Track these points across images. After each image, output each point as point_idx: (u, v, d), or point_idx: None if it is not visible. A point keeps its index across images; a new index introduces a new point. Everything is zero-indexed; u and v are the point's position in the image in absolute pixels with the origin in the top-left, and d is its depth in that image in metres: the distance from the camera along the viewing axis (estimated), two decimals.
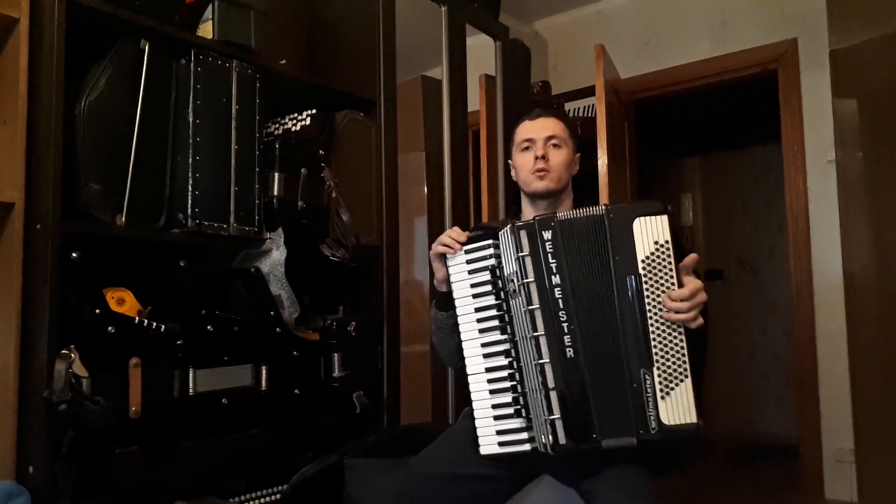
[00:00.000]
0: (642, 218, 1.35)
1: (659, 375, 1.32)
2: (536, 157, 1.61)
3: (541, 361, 1.36)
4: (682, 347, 1.32)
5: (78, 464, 1.38)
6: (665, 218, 1.35)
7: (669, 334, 1.33)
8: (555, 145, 1.63)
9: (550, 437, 1.35)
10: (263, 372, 1.78)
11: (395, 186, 2.25)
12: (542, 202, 1.65)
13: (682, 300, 1.31)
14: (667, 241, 1.34)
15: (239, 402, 1.72)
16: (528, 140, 1.64)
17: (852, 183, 2.60)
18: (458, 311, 1.46)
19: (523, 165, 1.65)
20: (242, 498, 1.70)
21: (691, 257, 1.37)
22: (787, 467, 3.53)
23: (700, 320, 1.34)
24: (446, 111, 2.63)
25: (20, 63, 1.46)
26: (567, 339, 1.36)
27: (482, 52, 3.05)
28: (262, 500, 1.74)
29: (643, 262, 1.34)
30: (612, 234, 1.36)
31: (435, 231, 1.55)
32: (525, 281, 1.37)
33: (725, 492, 3.28)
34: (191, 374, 1.64)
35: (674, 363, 1.32)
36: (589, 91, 3.28)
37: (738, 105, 4.23)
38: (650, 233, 1.35)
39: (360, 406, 2.01)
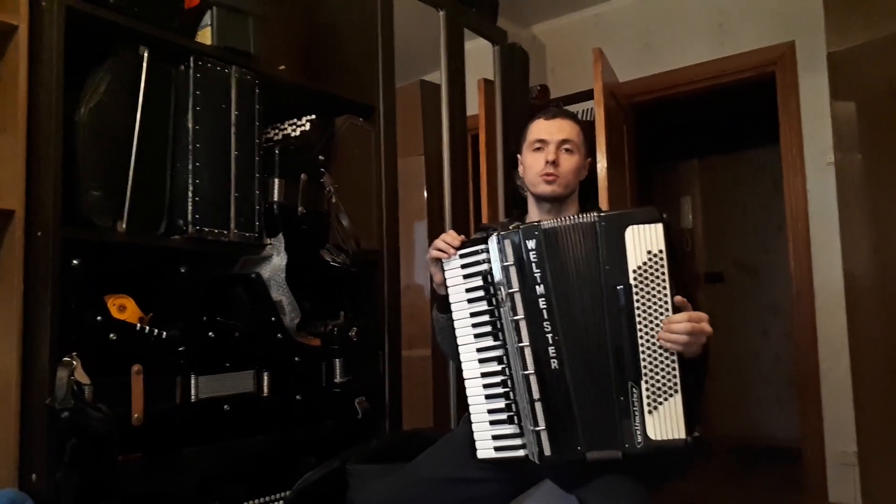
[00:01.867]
0: (635, 226, 1.31)
1: (647, 389, 1.29)
2: (547, 161, 1.58)
3: (526, 372, 1.35)
4: (673, 362, 1.29)
5: (80, 471, 1.38)
6: (660, 226, 1.31)
7: (660, 347, 1.30)
8: (567, 150, 1.60)
9: (536, 448, 1.34)
10: (265, 378, 1.78)
11: (395, 191, 2.25)
12: (546, 205, 1.63)
13: (680, 321, 1.28)
14: (661, 251, 1.30)
15: (241, 408, 1.72)
16: (541, 140, 1.61)
17: (851, 185, 2.60)
18: (454, 316, 1.45)
19: (532, 166, 1.62)
20: None
21: (678, 300, 1.32)
22: (789, 470, 3.52)
23: (695, 349, 1.31)
24: (445, 115, 2.63)
25: (20, 70, 1.46)
26: (552, 350, 1.34)
27: (480, 56, 3.05)
28: None
29: (634, 272, 1.31)
30: (604, 243, 1.33)
31: (435, 236, 1.54)
32: (510, 291, 1.36)
33: (728, 494, 3.27)
34: (193, 381, 1.64)
35: (663, 377, 1.29)
36: (587, 95, 3.29)
37: (737, 108, 4.24)
38: (643, 242, 1.31)
39: (362, 411, 2.00)
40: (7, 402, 1.42)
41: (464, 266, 1.46)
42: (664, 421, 1.29)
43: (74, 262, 1.46)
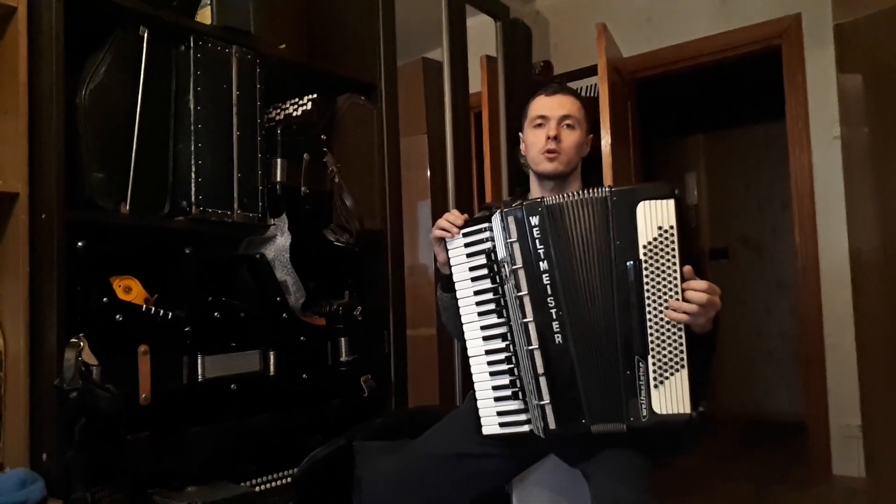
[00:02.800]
0: (647, 202, 1.31)
1: (654, 364, 1.30)
2: (548, 137, 1.58)
3: (530, 348, 1.36)
4: (681, 337, 1.30)
5: (90, 450, 1.40)
6: (671, 202, 1.30)
7: (668, 323, 1.30)
8: (569, 126, 1.59)
9: (541, 422, 1.35)
10: (271, 357, 1.79)
11: (398, 170, 2.25)
12: (548, 182, 1.63)
13: (699, 289, 1.28)
14: (671, 227, 1.30)
15: (247, 387, 1.74)
16: (542, 117, 1.60)
17: (858, 159, 2.58)
18: (458, 295, 1.46)
19: (534, 143, 1.62)
20: (253, 482, 1.72)
21: (687, 269, 1.31)
22: (794, 444, 3.54)
23: (707, 325, 1.31)
24: (448, 93, 2.62)
25: (20, 52, 1.46)
26: (556, 325, 1.35)
27: (483, 32, 3.03)
28: (273, 484, 1.76)
29: (645, 247, 1.31)
30: (614, 218, 1.33)
31: (438, 215, 1.54)
32: (514, 267, 1.37)
33: (733, 469, 3.30)
34: (199, 361, 1.65)
35: (670, 352, 1.30)
36: (591, 70, 3.26)
37: (742, 82, 4.20)
38: (655, 217, 1.31)
39: (368, 390, 2.02)
40: (16, 384, 1.44)
41: (467, 245, 1.46)
42: (670, 395, 1.29)
43: (79, 243, 1.46)
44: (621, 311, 1.32)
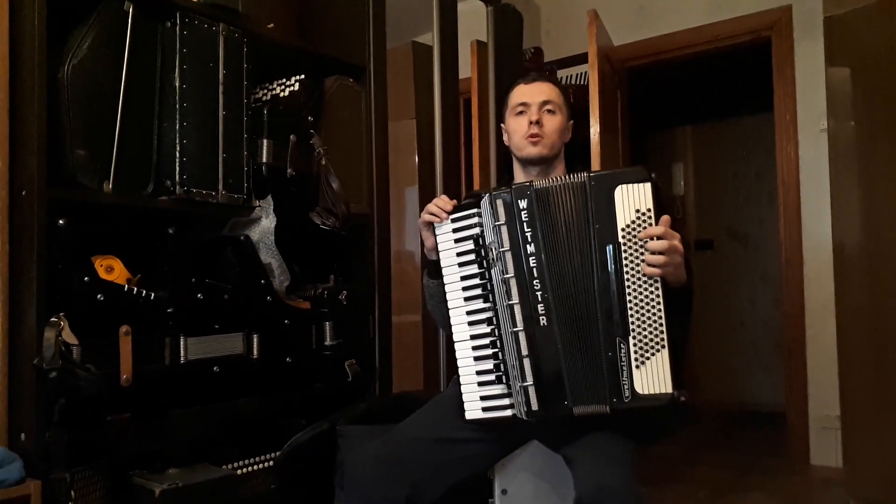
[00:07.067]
0: (624, 185, 1.33)
1: (635, 345, 1.31)
2: (530, 122, 1.59)
3: (515, 329, 1.37)
4: (661, 317, 1.31)
5: (70, 431, 1.38)
6: (648, 185, 1.33)
7: (648, 304, 1.31)
8: (549, 111, 1.61)
9: (524, 405, 1.36)
10: (255, 340, 1.78)
11: (386, 154, 2.23)
12: (533, 168, 1.64)
13: (658, 238, 1.30)
14: (649, 210, 1.32)
15: (231, 370, 1.73)
16: (523, 104, 1.62)
17: (844, 152, 2.60)
18: (445, 280, 1.47)
19: (516, 130, 1.63)
20: (235, 465, 1.71)
21: (664, 219, 1.33)
22: (773, 434, 3.59)
23: (679, 273, 1.34)
24: (437, 78, 2.59)
25: (1, 26, 1.43)
26: (541, 307, 1.36)
27: (474, 17, 3.01)
28: (255, 467, 1.75)
29: (623, 230, 1.33)
30: (593, 202, 1.34)
31: (426, 201, 1.54)
32: (501, 250, 1.38)
33: (713, 457, 3.34)
34: (182, 342, 1.64)
35: (650, 332, 1.31)
36: (582, 58, 3.24)
37: (732, 74, 4.20)
38: (632, 201, 1.33)
39: (352, 374, 2.02)
40: None
41: (455, 230, 1.46)
42: (652, 375, 1.31)
43: (60, 221, 1.44)
44: (602, 293, 1.34)
